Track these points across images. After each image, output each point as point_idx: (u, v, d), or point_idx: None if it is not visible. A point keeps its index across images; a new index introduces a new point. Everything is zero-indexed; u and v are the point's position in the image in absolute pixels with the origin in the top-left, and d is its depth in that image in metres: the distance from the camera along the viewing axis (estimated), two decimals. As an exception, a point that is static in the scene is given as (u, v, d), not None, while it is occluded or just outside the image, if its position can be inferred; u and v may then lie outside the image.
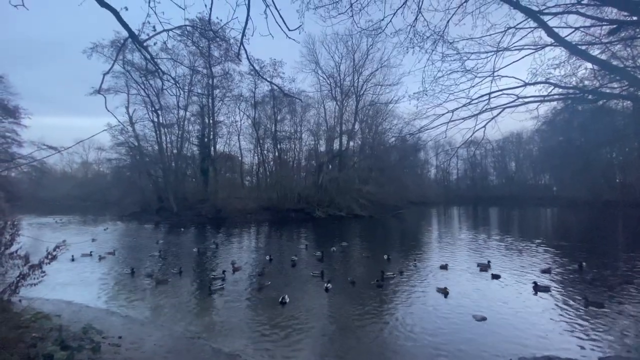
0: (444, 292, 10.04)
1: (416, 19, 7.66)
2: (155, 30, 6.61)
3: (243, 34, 5.56)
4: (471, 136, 8.65)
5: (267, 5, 5.29)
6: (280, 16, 5.27)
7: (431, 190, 66.11)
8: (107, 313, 9.00)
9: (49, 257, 6.01)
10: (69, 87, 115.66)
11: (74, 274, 13.13)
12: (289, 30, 5.42)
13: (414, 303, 9.41)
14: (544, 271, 12.37)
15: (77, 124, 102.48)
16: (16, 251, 6.23)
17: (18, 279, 5.83)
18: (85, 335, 5.20)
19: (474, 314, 8.35)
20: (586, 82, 10.02)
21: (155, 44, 7.26)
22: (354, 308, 9.06)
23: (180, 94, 38.14)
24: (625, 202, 36.79)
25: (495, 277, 11.72)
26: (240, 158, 45.34)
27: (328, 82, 43.14)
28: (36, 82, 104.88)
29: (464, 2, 7.52)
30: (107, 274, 13.18)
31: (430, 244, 20.21)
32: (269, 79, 35.13)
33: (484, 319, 8.11)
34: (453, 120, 7.93)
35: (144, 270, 13.47)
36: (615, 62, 11.02)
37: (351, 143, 44.40)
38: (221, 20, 7.07)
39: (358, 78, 42.12)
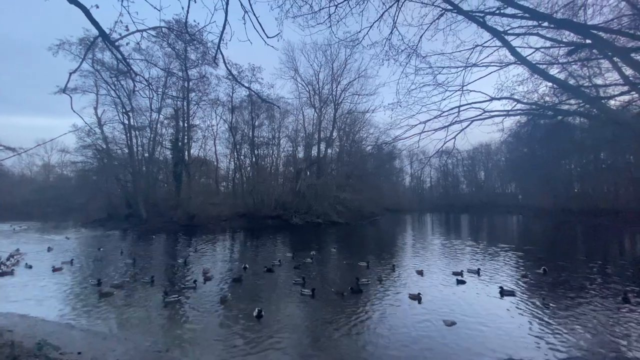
0: (417, 298, 10.26)
1: (391, 32, 7.96)
2: (128, 30, 6.41)
3: (220, 38, 5.51)
4: (442, 146, 9.03)
5: (245, 11, 5.29)
6: (259, 23, 5.29)
7: (406, 197, 68.02)
8: (66, 327, 8.42)
9: (1, 267, 5.56)
10: (31, 86, 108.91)
11: (34, 286, 12.19)
12: (267, 37, 5.46)
13: (389, 310, 9.50)
14: (523, 276, 13.02)
15: (39, 124, 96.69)
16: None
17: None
18: (40, 352, 4.84)
19: (444, 319, 8.58)
20: (547, 98, 10.77)
21: (127, 44, 7.04)
22: (331, 317, 8.99)
23: (153, 96, 36.90)
24: (583, 210, 39.43)
25: (461, 282, 12.11)
26: (215, 163, 44.42)
27: (307, 89, 43.54)
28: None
29: (437, 19, 7.91)
30: (71, 286, 12.33)
31: (406, 250, 20.60)
32: (246, 85, 35.01)
33: (453, 323, 8.36)
34: (425, 131, 8.26)
35: (111, 280, 12.76)
36: (572, 81, 11.93)
37: (329, 150, 44.88)
38: (198, 23, 6.98)
39: (336, 87, 42.83)
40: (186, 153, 39.33)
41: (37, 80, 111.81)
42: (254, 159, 42.01)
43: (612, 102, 10.08)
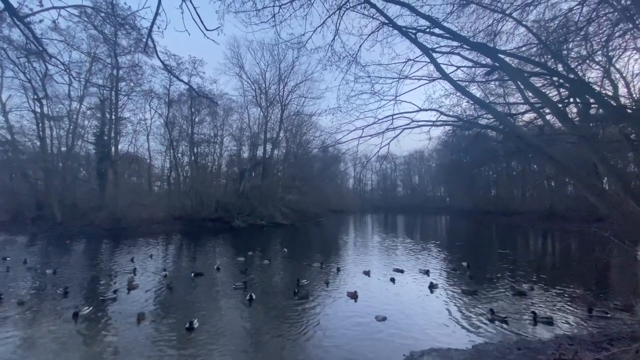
0: (354, 296, 10.69)
1: (334, 39, 8.26)
2: (42, 5, 5.62)
3: (152, 25, 5.12)
4: (378, 152, 9.61)
5: (183, 0, 5.00)
6: (197, 14, 5.04)
7: (349, 199, 70.51)
8: (-55, 353, 6.97)
9: None
10: None
11: None
12: (207, 29, 5.22)
13: (328, 310, 9.71)
14: (450, 270, 14.48)
15: None
16: None
17: None
18: None
19: (376, 315, 9.08)
20: (468, 112, 12.13)
21: (41, 21, 6.16)
22: (269, 322, 8.84)
23: (72, 83, 32.38)
24: (498, 211, 45.49)
25: (392, 280, 12.79)
26: (148, 161, 40.82)
27: (253, 87, 42.47)
28: None
29: (375, 31, 8.43)
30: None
31: (349, 249, 21.28)
32: (184, 78, 32.87)
33: (384, 318, 8.88)
34: (363, 137, 8.69)
35: (16, 293, 10.93)
36: (491, 98, 13.56)
37: (275, 151, 44.27)
38: (130, 6, 6.40)
39: (283, 88, 42.52)
40: (113, 148, 35.43)
41: None
42: (193, 158, 39.56)
43: (520, 118, 11.78)
